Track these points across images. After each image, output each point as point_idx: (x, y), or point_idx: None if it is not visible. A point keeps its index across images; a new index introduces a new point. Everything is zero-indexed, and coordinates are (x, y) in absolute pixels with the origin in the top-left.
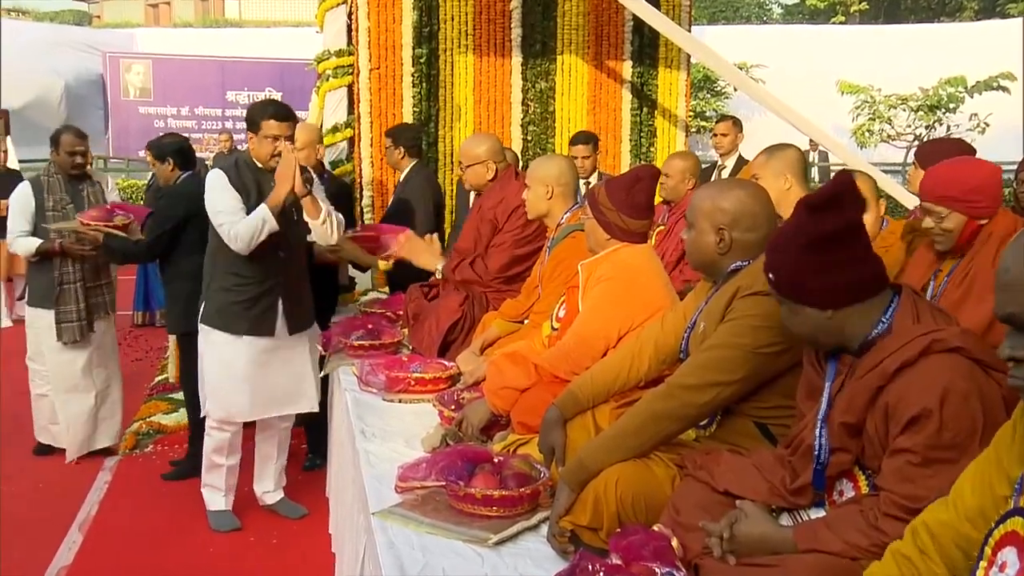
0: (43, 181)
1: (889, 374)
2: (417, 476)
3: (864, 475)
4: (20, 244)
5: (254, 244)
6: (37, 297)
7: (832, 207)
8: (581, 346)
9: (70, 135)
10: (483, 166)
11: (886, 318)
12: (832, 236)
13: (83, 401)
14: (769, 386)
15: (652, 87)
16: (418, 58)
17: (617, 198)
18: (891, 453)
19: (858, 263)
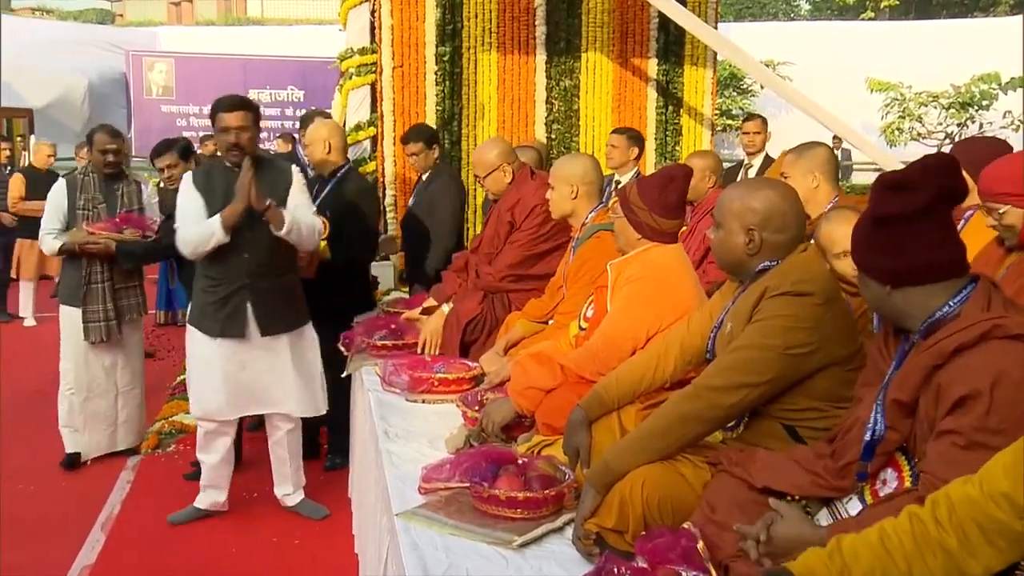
0: (78, 179)
1: (946, 354)
2: (441, 477)
3: (909, 465)
4: (46, 243)
5: (201, 252)
6: (66, 294)
7: (901, 188)
8: (609, 347)
9: (103, 134)
10: (500, 171)
11: (954, 302)
12: (895, 217)
13: (101, 402)
14: (798, 388)
15: (678, 85)
16: (441, 56)
17: (649, 198)
18: (936, 435)
19: (924, 248)
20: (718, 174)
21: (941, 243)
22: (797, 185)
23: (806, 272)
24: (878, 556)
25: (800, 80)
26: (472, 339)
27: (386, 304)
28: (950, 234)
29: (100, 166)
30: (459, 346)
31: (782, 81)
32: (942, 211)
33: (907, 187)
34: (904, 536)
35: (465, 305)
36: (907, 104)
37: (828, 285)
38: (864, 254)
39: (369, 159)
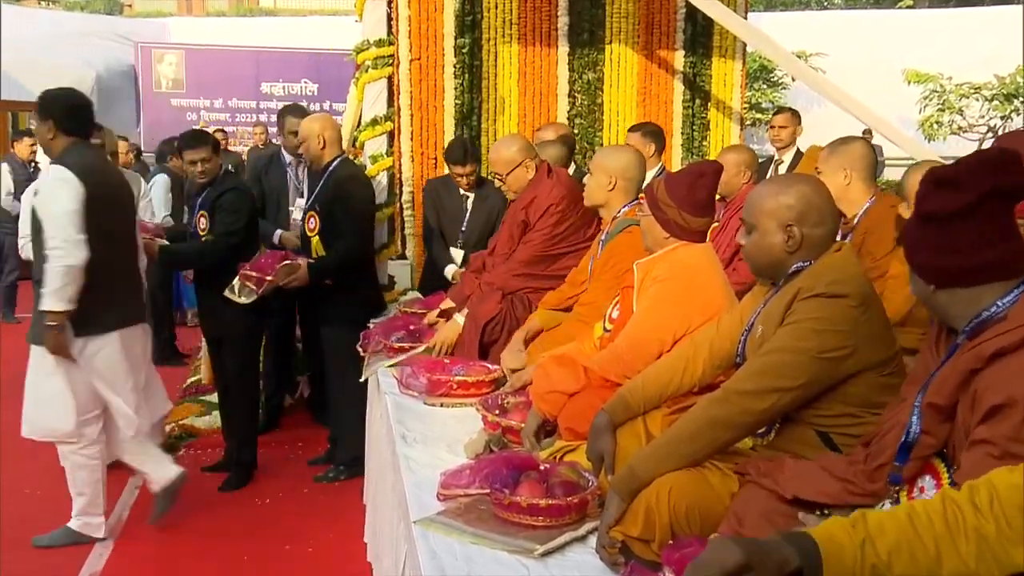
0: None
1: (984, 358)
2: (460, 483)
3: (948, 471)
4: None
5: None
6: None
7: (948, 184)
8: (634, 349)
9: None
10: (522, 168)
11: (1003, 302)
12: (941, 214)
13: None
14: (832, 393)
15: (705, 77)
16: (460, 48)
17: (678, 195)
18: (971, 444)
19: (972, 247)
20: (753, 169)
21: (992, 242)
22: (828, 181)
23: (841, 273)
24: (904, 533)
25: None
26: (491, 340)
27: (403, 304)
28: (1006, 233)
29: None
30: (478, 348)
31: (814, 73)
32: (996, 209)
33: (954, 183)
34: (935, 517)
35: (484, 306)
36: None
37: (864, 286)
38: (911, 250)
39: (386, 155)
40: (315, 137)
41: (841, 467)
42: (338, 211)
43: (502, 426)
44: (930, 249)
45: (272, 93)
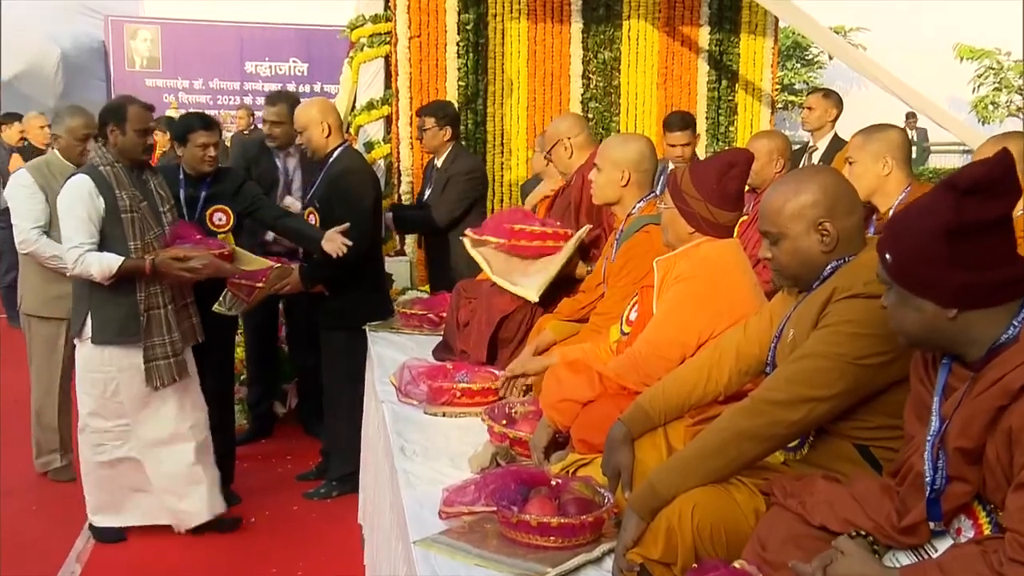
0: (106, 172)
1: (1013, 391)
2: (464, 500)
3: (985, 511)
4: (94, 262)
5: None
6: (107, 330)
7: (985, 192)
8: (654, 354)
9: (141, 108)
10: (561, 145)
11: (1018, 321)
12: (979, 226)
13: (182, 455)
14: (871, 403)
15: (733, 56)
16: (464, 25)
17: (705, 187)
18: (1017, 487)
19: (1004, 261)
20: (786, 156)
21: (1015, 256)
22: (866, 171)
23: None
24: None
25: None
26: (504, 337)
27: (402, 304)
28: (1016, 244)
29: (136, 152)
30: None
31: (854, 50)
32: (1012, 217)
33: (989, 190)
34: None
35: (499, 300)
36: (1004, 74)
37: None
38: (926, 272)
39: (383, 141)
40: (317, 125)
41: (874, 500)
42: (338, 207)
43: (510, 437)
44: (955, 266)
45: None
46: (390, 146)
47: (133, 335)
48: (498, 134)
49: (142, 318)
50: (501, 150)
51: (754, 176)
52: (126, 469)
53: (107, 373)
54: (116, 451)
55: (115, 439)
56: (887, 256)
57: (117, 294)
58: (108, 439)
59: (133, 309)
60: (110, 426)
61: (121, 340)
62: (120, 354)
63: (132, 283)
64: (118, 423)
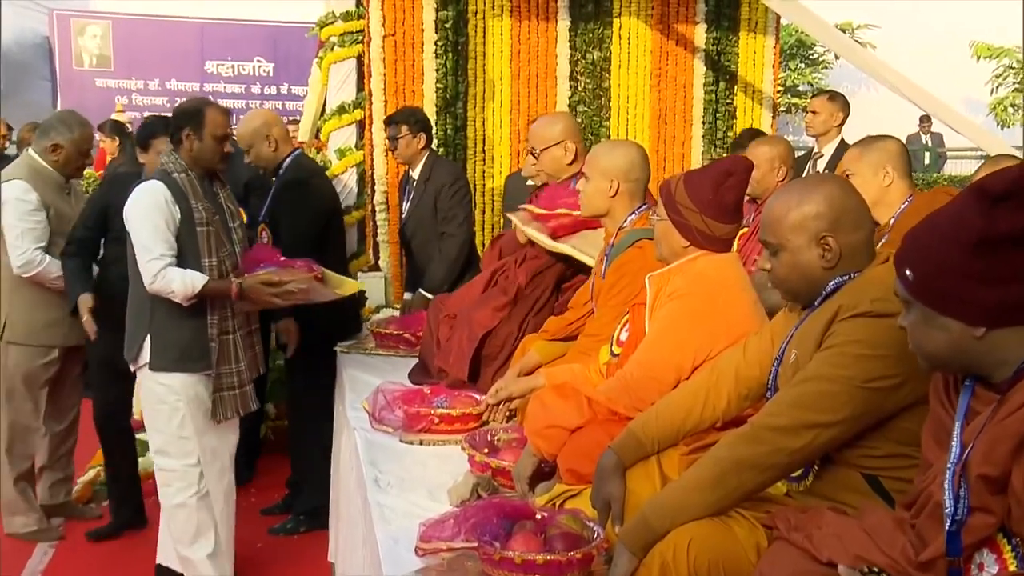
0: (180, 181)
1: None
2: (443, 535)
3: (1010, 545)
4: (176, 279)
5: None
6: (166, 355)
7: (1019, 198)
8: (647, 377)
9: (219, 112)
10: (560, 147)
11: None
12: (1012, 237)
13: (230, 503)
14: (880, 429)
15: (731, 56)
16: (442, 22)
17: (701, 197)
18: None
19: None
20: (789, 164)
21: None
22: (866, 182)
23: (887, 288)
24: None
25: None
26: (487, 353)
27: (375, 324)
28: None
29: (214, 160)
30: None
31: (861, 49)
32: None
33: (1021, 196)
34: None
35: (482, 314)
36: None
37: None
38: (954, 289)
39: (356, 148)
40: (263, 139)
41: (887, 534)
42: (285, 220)
43: (492, 467)
44: (987, 282)
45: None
46: (363, 153)
47: (196, 361)
48: (479, 140)
49: (212, 344)
50: (483, 157)
51: (755, 185)
52: (189, 515)
53: (171, 404)
54: (182, 493)
55: (181, 479)
56: (907, 272)
57: (181, 315)
58: (174, 480)
59: (198, 333)
60: (178, 465)
61: (181, 367)
62: (185, 382)
63: (199, 304)
64: (185, 463)
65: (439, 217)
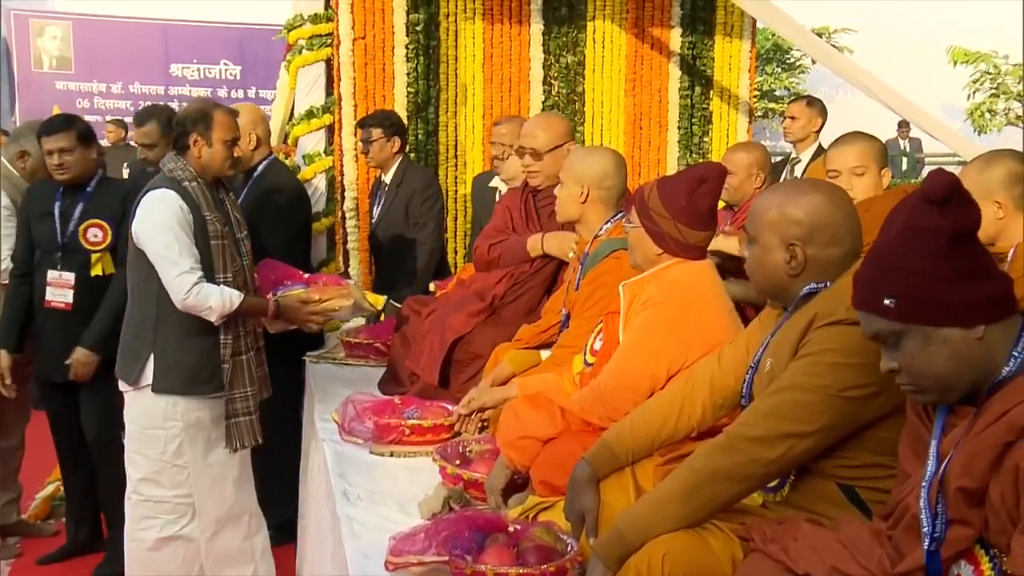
0: (192, 189)
1: (1020, 427)
2: (413, 549)
3: (987, 556)
4: (212, 294)
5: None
6: (172, 377)
7: (959, 198)
8: (621, 386)
9: (227, 115)
10: (564, 149)
11: (1018, 352)
12: (968, 233)
13: (237, 532)
14: (856, 439)
15: (707, 60)
16: (413, 25)
17: (674, 204)
18: (1023, 530)
19: (995, 271)
20: (767, 171)
21: (996, 265)
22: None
23: None
24: None
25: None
26: (458, 359)
27: (345, 332)
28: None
29: (223, 167)
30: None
31: (838, 54)
32: None
33: (964, 196)
34: None
35: (456, 318)
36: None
37: None
38: (940, 296)
39: (325, 153)
40: (245, 135)
41: (864, 546)
42: (266, 230)
43: (464, 479)
44: (965, 279)
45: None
46: (332, 158)
47: (204, 384)
48: (451, 145)
49: (225, 366)
50: (455, 162)
51: (732, 192)
52: (172, 553)
53: (170, 430)
54: (168, 528)
55: (170, 512)
56: (888, 302)
57: (189, 334)
58: (162, 512)
59: (207, 354)
60: (168, 496)
61: (188, 390)
62: (187, 407)
63: (207, 323)
64: (177, 493)
65: (410, 223)
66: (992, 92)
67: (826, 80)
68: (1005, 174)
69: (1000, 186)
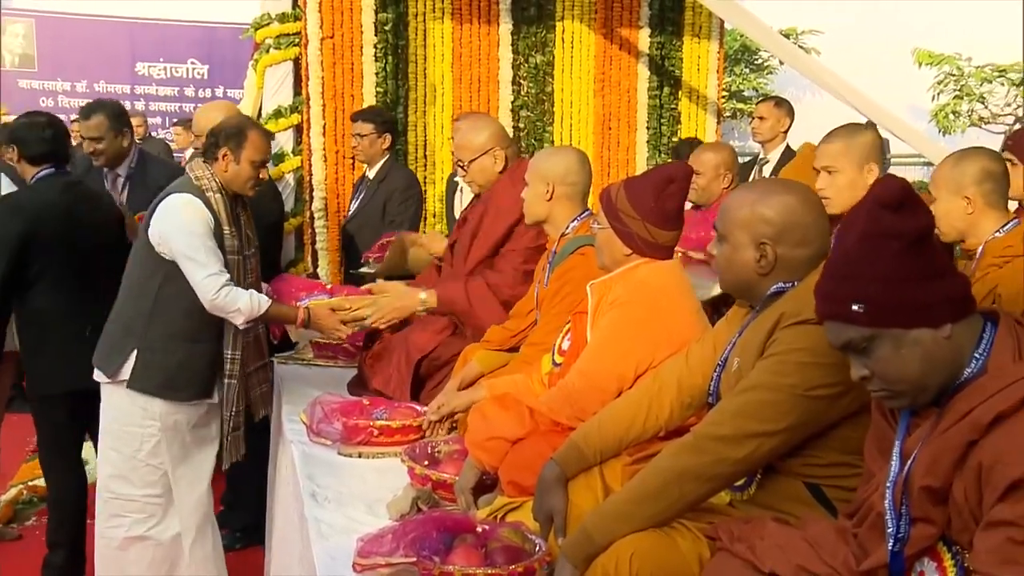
0: (213, 199)
1: (983, 426)
2: (381, 551)
3: (950, 553)
4: (240, 297)
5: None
6: (149, 377)
7: (911, 201)
8: (589, 386)
9: (262, 135)
10: (489, 156)
11: (979, 353)
12: (924, 235)
13: (215, 537)
14: (822, 438)
15: (675, 61)
16: (382, 25)
17: (642, 204)
18: (987, 526)
19: (953, 269)
20: (734, 171)
21: (953, 265)
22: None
23: None
24: None
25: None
26: (427, 374)
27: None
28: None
29: (245, 186)
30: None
31: (805, 55)
32: None
33: (915, 199)
34: None
35: (419, 336)
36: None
37: None
38: (907, 297)
39: (293, 153)
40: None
41: (829, 544)
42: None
43: (432, 480)
44: (929, 278)
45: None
46: (301, 158)
47: (179, 390)
48: (420, 145)
49: (231, 381)
50: (424, 163)
51: (700, 192)
52: (139, 554)
53: (147, 429)
54: (136, 527)
55: (139, 511)
56: (856, 307)
57: (177, 338)
58: (131, 511)
59: (189, 360)
60: (137, 495)
61: (162, 392)
62: (166, 409)
63: (198, 331)
64: (148, 493)
65: (385, 221)
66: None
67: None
68: (978, 170)
69: (971, 181)
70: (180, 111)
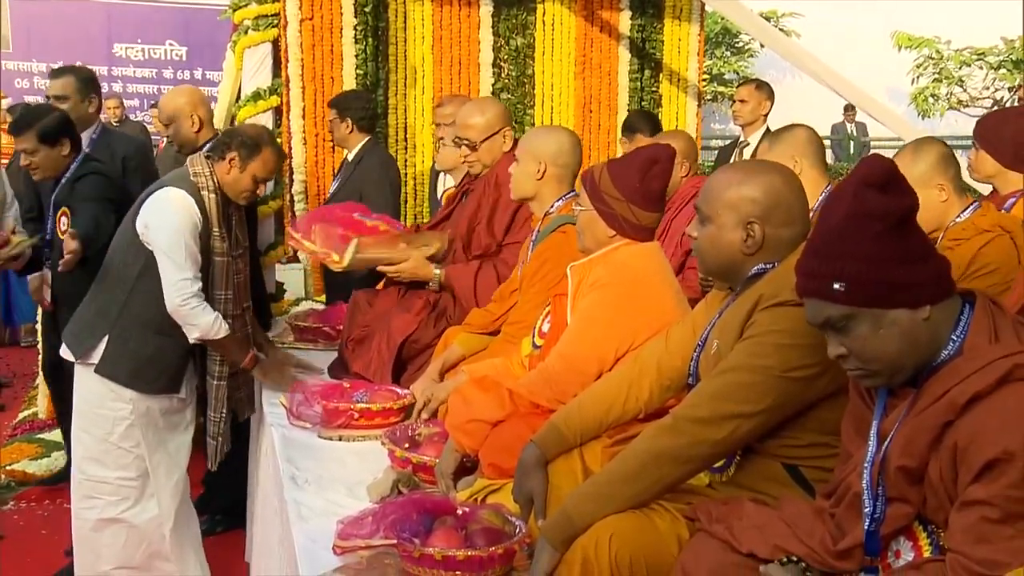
0: (208, 200)
1: (958, 407)
2: (361, 533)
3: (926, 532)
4: (206, 316)
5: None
6: (116, 364)
7: (896, 182)
8: (569, 369)
9: (275, 150)
10: (500, 136)
11: (956, 335)
12: (908, 215)
13: (193, 520)
14: (800, 419)
15: (656, 44)
16: (362, 6)
17: (627, 185)
18: (961, 506)
19: (935, 252)
20: (692, 160)
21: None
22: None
23: None
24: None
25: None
26: (409, 357)
27: (294, 317)
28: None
29: (240, 196)
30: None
31: (785, 38)
32: None
33: (897, 180)
34: None
35: (400, 319)
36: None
37: None
38: (887, 277)
39: None
40: (187, 117)
41: (806, 524)
42: None
43: (413, 463)
44: (909, 260)
45: (128, 57)
46: (280, 141)
47: (147, 382)
48: (401, 127)
49: (218, 383)
50: (404, 145)
51: None
52: (113, 536)
53: (118, 412)
54: (109, 509)
55: (112, 494)
56: (837, 286)
57: (150, 330)
58: (104, 492)
59: (160, 354)
60: (111, 477)
61: (129, 382)
62: (135, 395)
63: (174, 324)
64: (121, 475)
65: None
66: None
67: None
68: (936, 158)
69: (935, 171)
70: (158, 93)
